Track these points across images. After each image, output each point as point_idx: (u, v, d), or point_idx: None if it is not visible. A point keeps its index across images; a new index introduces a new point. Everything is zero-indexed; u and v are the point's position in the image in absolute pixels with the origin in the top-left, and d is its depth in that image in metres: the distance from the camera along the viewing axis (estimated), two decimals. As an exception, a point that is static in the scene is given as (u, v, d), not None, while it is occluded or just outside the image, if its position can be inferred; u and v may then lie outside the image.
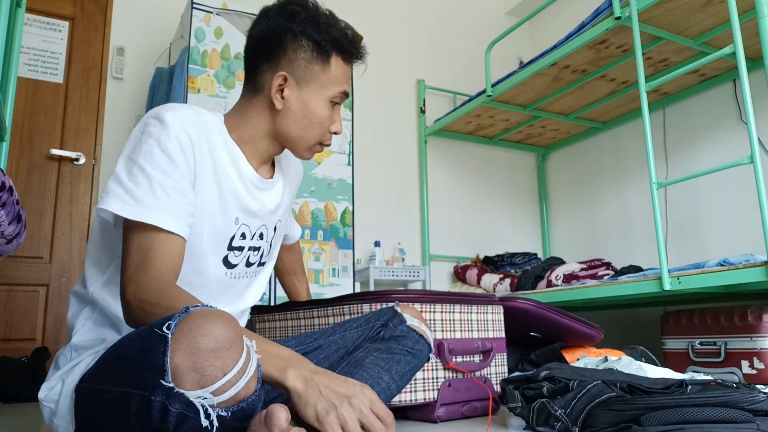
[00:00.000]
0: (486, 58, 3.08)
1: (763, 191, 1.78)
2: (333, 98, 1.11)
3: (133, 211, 0.90)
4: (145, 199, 0.91)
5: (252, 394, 0.79)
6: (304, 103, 1.09)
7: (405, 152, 3.51)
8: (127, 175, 0.92)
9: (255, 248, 1.15)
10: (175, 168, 0.95)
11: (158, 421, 0.75)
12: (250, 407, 0.79)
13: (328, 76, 1.09)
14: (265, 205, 1.13)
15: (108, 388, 0.82)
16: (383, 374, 1.05)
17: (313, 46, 1.08)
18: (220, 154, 1.03)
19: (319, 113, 1.10)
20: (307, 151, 1.13)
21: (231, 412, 0.77)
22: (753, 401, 0.94)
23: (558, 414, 1.04)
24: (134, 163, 0.93)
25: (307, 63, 1.08)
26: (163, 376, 0.73)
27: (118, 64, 2.82)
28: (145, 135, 0.95)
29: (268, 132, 1.11)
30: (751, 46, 2.21)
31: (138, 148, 0.95)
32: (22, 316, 2.51)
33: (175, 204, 0.94)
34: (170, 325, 0.75)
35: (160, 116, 0.96)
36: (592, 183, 3.52)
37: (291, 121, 1.09)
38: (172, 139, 0.95)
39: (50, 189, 2.65)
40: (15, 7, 1.46)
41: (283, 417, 0.79)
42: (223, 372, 0.75)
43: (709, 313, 2.15)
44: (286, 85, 1.07)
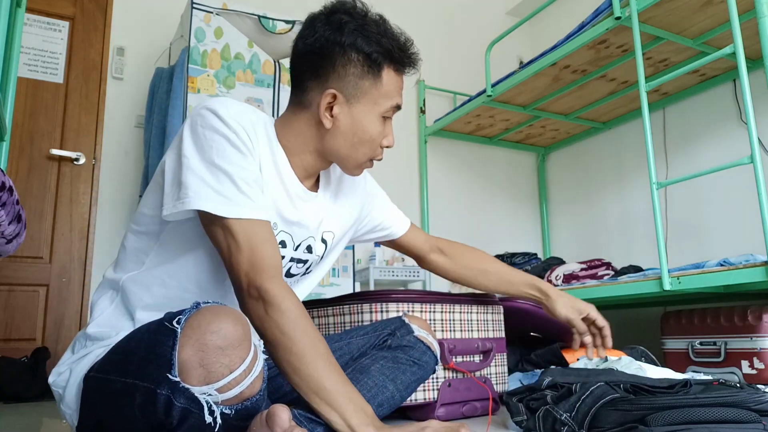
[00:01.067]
0: (486, 58, 3.08)
1: (763, 191, 1.78)
2: (385, 113, 1.05)
3: (228, 210, 0.90)
4: (235, 196, 0.91)
5: (256, 394, 0.80)
6: (354, 120, 1.03)
7: (405, 152, 3.51)
8: (209, 174, 0.92)
9: (300, 261, 1.11)
10: (247, 161, 0.95)
11: (162, 415, 0.75)
12: (254, 406, 0.80)
13: (380, 91, 1.03)
14: (307, 217, 1.09)
15: (115, 379, 0.83)
16: (388, 383, 1.05)
17: (363, 59, 1.02)
18: (265, 154, 1.01)
19: (371, 130, 1.04)
20: (357, 168, 1.09)
21: (235, 410, 0.77)
22: (760, 401, 0.94)
23: (563, 418, 1.04)
24: (211, 162, 0.92)
25: (358, 79, 1.02)
26: (170, 370, 0.73)
27: (118, 64, 2.82)
28: (208, 131, 0.94)
29: (315, 148, 1.06)
30: (751, 46, 2.21)
31: (207, 146, 0.93)
32: (22, 316, 2.51)
33: (257, 194, 0.95)
34: (180, 319, 0.76)
35: (216, 111, 0.95)
36: (592, 183, 3.52)
37: (341, 139, 1.04)
38: (236, 133, 0.94)
39: (50, 189, 2.65)
40: (15, 7, 1.46)
41: (285, 417, 0.79)
42: (229, 369, 0.75)
43: (709, 313, 2.15)
44: (335, 102, 1.02)
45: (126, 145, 2.80)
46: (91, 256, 2.66)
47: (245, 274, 0.89)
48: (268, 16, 2.57)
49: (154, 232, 1.01)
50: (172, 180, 0.95)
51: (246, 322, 0.80)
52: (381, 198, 1.35)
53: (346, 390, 0.87)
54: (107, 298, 1.03)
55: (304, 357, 0.86)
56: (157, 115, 2.48)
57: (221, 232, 0.92)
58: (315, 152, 1.07)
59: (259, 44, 2.57)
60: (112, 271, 1.06)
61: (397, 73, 1.07)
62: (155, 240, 1.01)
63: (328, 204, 1.15)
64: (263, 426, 0.80)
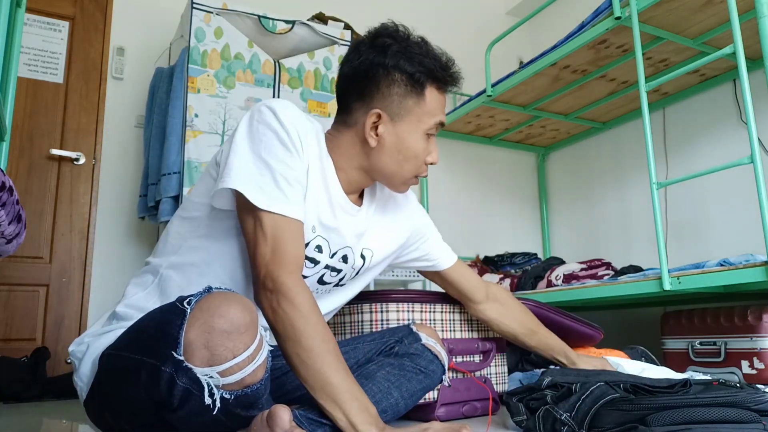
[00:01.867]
0: (486, 58, 3.07)
1: (763, 191, 1.78)
2: (429, 130, 1.08)
3: (260, 201, 0.93)
4: (272, 191, 0.95)
5: (258, 382, 0.81)
6: (399, 138, 1.06)
7: (405, 152, 3.50)
8: (253, 165, 0.95)
9: (335, 269, 1.12)
10: (293, 159, 0.98)
11: (165, 394, 0.77)
12: (255, 394, 0.81)
13: (423, 109, 1.07)
14: (346, 227, 1.10)
15: (126, 355, 0.85)
16: (393, 390, 1.05)
17: (406, 79, 1.05)
18: (314, 161, 1.04)
19: (415, 148, 1.07)
20: (403, 185, 1.12)
21: (235, 396, 0.78)
22: (760, 401, 0.94)
23: (563, 418, 1.04)
24: (257, 155, 0.96)
25: (401, 98, 1.05)
26: (176, 348, 0.75)
27: (118, 64, 2.82)
28: (262, 126, 0.98)
29: (361, 165, 1.09)
30: (751, 46, 2.21)
31: (258, 139, 0.97)
32: (22, 316, 2.51)
33: (296, 193, 0.98)
34: (191, 300, 0.78)
35: (274, 109, 0.98)
36: (592, 183, 3.52)
37: (386, 157, 1.07)
38: (288, 133, 0.98)
39: (50, 189, 2.65)
40: (15, 7, 1.46)
41: (286, 417, 0.79)
42: (233, 354, 0.77)
43: (709, 313, 2.15)
44: (380, 122, 1.05)
45: (126, 145, 2.80)
46: (91, 256, 2.66)
47: (265, 264, 0.92)
48: (268, 16, 2.57)
49: (198, 218, 1.04)
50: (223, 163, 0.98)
51: (254, 311, 0.81)
52: (430, 229, 1.35)
53: (351, 388, 0.88)
54: (143, 281, 1.05)
55: (313, 351, 0.88)
56: (157, 115, 2.48)
57: (252, 220, 0.95)
58: (360, 169, 1.09)
59: (259, 44, 2.57)
60: (152, 257, 1.08)
61: (440, 92, 1.10)
62: (198, 227, 1.04)
63: (372, 221, 1.17)
64: (264, 426, 0.80)
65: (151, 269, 1.06)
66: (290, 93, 2.66)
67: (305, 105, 2.69)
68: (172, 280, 1.01)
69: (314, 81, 2.71)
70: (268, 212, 0.94)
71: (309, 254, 1.06)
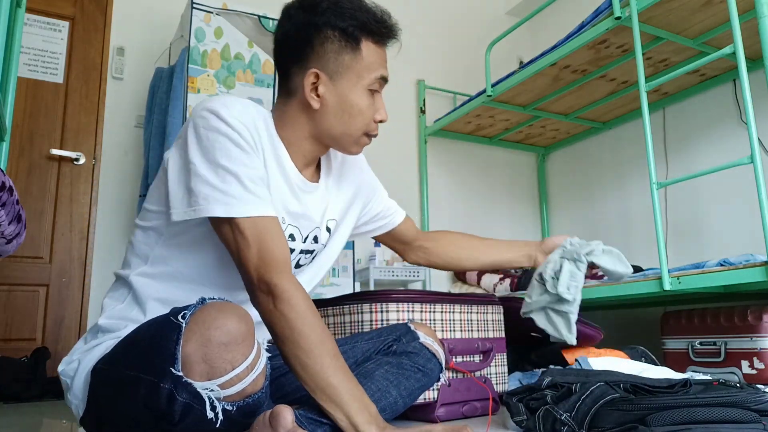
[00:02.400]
0: (486, 58, 3.07)
1: (763, 191, 1.78)
2: (371, 86, 1.05)
3: (236, 210, 0.92)
4: (243, 195, 0.93)
5: (258, 391, 0.80)
6: (341, 97, 1.04)
7: (405, 152, 3.51)
8: (216, 177, 0.93)
9: (308, 251, 1.12)
10: (251, 159, 0.96)
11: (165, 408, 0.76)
12: (256, 403, 0.80)
13: (361, 64, 1.03)
14: (311, 208, 1.09)
15: (120, 371, 0.84)
16: (391, 389, 1.05)
17: (340, 35, 1.02)
18: (267, 149, 1.02)
19: (359, 104, 1.05)
20: (355, 145, 1.09)
21: (236, 406, 0.77)
22: (760, 401, 0.94)
23: (563, 418, 1.04)
24: (216, 164, 0.93)
25: (337, 54, 1.02)
26: (173, 364, 0.74)
27: (118, 64, 2.82)
28: (211, 132, 0.95)
29: (310, 133, 1.07)
30: (751, 46, 2.21)
31: (211, 147, 0.94)
32: (22, 316, 2.51)
33: (264, 190, 0.97)
34: (185, 314, 0.77)
35: (217, 111, 0.95)
36: (592, 183, 3.52)
37: (331, 118, 1.05)
38: (239, 133, 0.95)
39: (50, 189, 2.65)
40: (15, 7, 1.46)
41: (289, 417, 0.79)
42: (232, 366, 0.76)
43: (709, 313, 2.15)
44: (319, 82, 1.03)
45: (126, 145, 2.80)
46: (91, 256, 2.66)
47: (255, 269, 0.90)
48: (268, 16, 2.57)
49: (158, 228, 1.02)
50: (179, 184, 0.96)
51: (250, 320, 0.80)
52: (380, 187, 1.36)
53: (351, 388, 0.88)
54: (119, 294, 1.03)
55: (312, 352, 0.87)
56: (157, 115, 2.48)
57: (230, 231, 0.93)
58: (311, 138, 1.07)
59: (259, 44, 2.57)
60: (121, 269, 1.06)
61: (378, 45, 1.06)
62: (160, 236, 1.02)
63: (331, 192, 1.16)
64: (266, 426, 0.80)
65: (123, 282, 1.04)
66: (290, 93, 2.66)
67: (305, 105, 2.69)
68: (148, 290, 1.00)
69: (314, 81, 2.71)
70: (245, 218, 0.92)
71: None
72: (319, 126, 1.06)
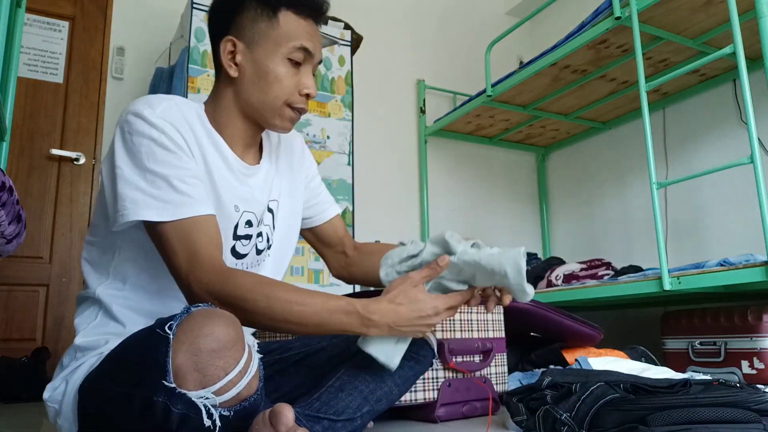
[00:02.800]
0: (486, 58, 3.07)
1: (763, 191, 1.78)
2: (290, 55, 1.01)
3: (168, 213, 0.90)
4: (173, 198, 0.90)
5: (254, 393, 0.79)
6: (257, 64, 1.01)
7: (405, 152, 3.50)
8: (144, 181, 0.91)
9: (260, 234, 1.11)
10: (180, 158, 0.94)
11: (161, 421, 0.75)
12: (252, 406, 0.79)
13: (279, 32, 1.01)
14: (256, 191, 1.08)
15: (110, 389, 0.82)
16: (386, 378, 1.05)
17: (257, 3, 1.02)
18: (204, 142, 1.00)
19: (275, 71, 1.01)
20: (277, 116, 1.05)
21: (233, 411, 0.77)
22: (760, 401, 0.94)
23: (564, 418, 1.04)
24: (144, 168, 0.91)
25: (253, 22, 1.01)
26: (165, 377, 0.73)
27: (118, 64, 2.82)
28: (136, 136, 0.92)
29: (237, 109, 1.05)
30: (751, 46, 2.21)
31: (137, 152, 0.92)
32: (22, 316, 2.51)
33: (197, 189, 0.94)
34: (172, 325, 0.75)
35: (141, 114, 0.93)
36: (592, 183, 3.52)
37: (249, 86, 1.03)
38: (165, 133, 0.93)
39: (50, 189, 2.65)
40: (15, 7, 1.46)
41: (290, 416, 0.79)
42: (224, 372, 0.75)
43: (709, 313, 2.15)
44: (237, 51, 1.02)
45: (126, 145, 2.80)
46: (91, 256, 2.66)
47: (185, 276, 0.89)
48: (268, 16, 2.57)
49: (110, 242, 1.00)
50: (111, 191, 0.94)
51: (238, 323, 0.79)
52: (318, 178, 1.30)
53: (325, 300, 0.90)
54: (89, 312, 1.01)
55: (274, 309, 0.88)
56: (157, 115, 2.48)
57: (159, 237, 0.91)
58: (239, 114, 1.05)
59: (259, 44, 2.57)
60: (83, 290, 1.04)
61: (299, 16, 1.02)
62: (113, 249, 1.00)
63: (274, 174, 1.14)
64: (266, 425, 0.80)
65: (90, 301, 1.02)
66: (290, 93, 2.66)
67: (305, 105, 2.69)
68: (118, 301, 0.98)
69: (314, 81, 2.71)
70: (173, 222, 0.90)
71: (242, 233, 1.04)
72: (240, 96, 1.04)
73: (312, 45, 1.03)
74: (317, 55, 1.05)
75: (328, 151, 2.69)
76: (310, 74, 1.05)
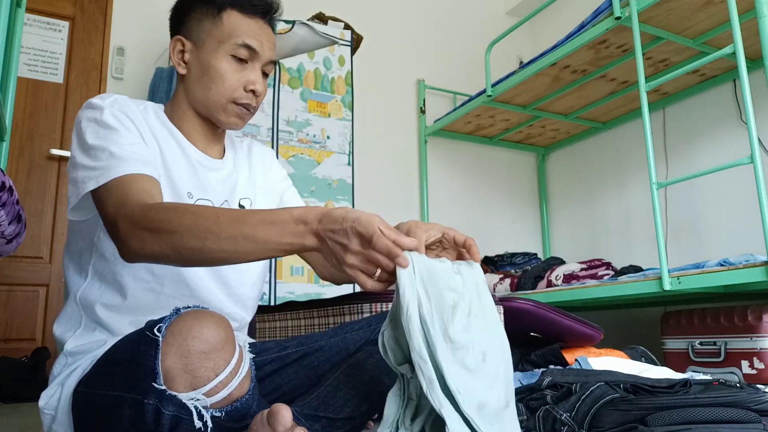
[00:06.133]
0: (486, 58, 3.08)
1: (763, 191, 1.78)
2: (233, 52, 1.03)
3: (103, 177, 0.89)
4: (109, 162, 0.90)
5: (246, 394, 0.79)
6: (202, 61, 1.04)
7: (405, 152, 3.51)
8: (88, 158, 0.92)
9: None
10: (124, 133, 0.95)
11: (152, 425, 0.75)
12: (245, 407, 0.79)
13: (222, 30, 1.04)
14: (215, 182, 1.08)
15: (102, 393, 0.82)
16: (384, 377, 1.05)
17: (202, 4, 1.06)
18: (159, 132, 1.03)
19: (218, 67, 1.03)
20: (222, 112, 1.05)
21: (225, 412, 0.77)
22: (760, 401, 0.94)
23: (563, 418, 1.04)
24: (87, 147, 0.92)
25: (199, 21, 1.05)
26: (155, 379, 0.73)
27: (118, 64, 2.82)
28: (84, 121, 0.96)
29: (188, 105, 1.08)
30: (751, 46, 2.21)
31: (82, 133, 0.94)
32: (22, 316, 2.51)
33: (138, 152, 0.93)
34: (161, 327, 0.75)
35: (91, 103, 0.97)
36: (592, 183, 3.52)
37: (195, 82, 1.06)
38: (112, 116, 0.95)
39: (50, 189, 2.65)
40: (15, 7, 1.46)
41: (288, 416, 0.79)
42: (215, 373, 0.75)
43: (709, 313, 2.15)
44: (185, 49, 1.06)
45: (126, 145, 2.80)
46: (91, 256, 2.66)
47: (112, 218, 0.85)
48: (268, 16, 2.57)
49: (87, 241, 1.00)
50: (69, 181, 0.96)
51: (228, 324, 0.78)
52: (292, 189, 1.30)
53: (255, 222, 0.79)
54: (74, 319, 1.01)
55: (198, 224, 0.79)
56: (157, 115, 2.48)
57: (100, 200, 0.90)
58: (191, 109, 1.08)
59: (259, 44, 2.57)
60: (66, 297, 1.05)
61: (244, 14, 1.05)
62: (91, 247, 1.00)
63: (240, 171, 1.14)
64: (264, 425, 0.80)
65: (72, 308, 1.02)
66: (290, 93, 2.66)
67: (305, 105, 2.69)
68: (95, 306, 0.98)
69: (314, 81, 2.71)
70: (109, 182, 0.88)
71: None
72: (189, 93, 1.07)
73: (257, 43, 1.04)
74: (265, 53, 1.06)
75: (328, 151, 2.69)
76: (258, 71, 1.06)
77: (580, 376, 1.14)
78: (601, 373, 1.18)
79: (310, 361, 1.14)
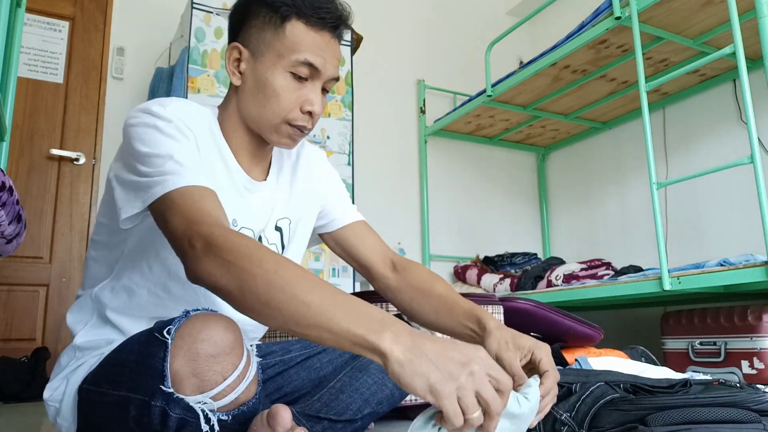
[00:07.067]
0: (486, 58, 3.08)
1: (763, 191, 1.78)
2: (293, 69, 0.93)
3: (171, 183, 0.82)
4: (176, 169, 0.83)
5: (252, 398, 0.79)
6: (258, 75, 0.95)
7: (405, 152, 3.51)
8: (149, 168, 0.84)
9: None
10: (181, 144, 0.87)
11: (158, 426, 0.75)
12: (251, 410, 0.79)
13: (284, 43, 0.93)
14: (255, 208, 1.02)
15: (108, 392, 0.82)
16: (387, 381, 1.05)
17: (266, 11, 0.94)
18: (211, 149, 0.96)
19: (274, 85, 0.94)
20: (275, 132, 0.97)
21: (232, 416, 0.76)
22: (759, 401, 0.94)
23: (563, 418, 1.04)
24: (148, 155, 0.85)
25: (259, 30, 0.95)
26: (163, 382, 0.73)
27: (118, 64, 2.82)
28: (141, 127, 0.87)
29: (239, 118, 1.00)
30: (751, 46, 2.21)
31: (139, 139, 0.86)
32: (22, 316, 2.51)
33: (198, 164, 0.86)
34: (170, 330, 0.75)
35: (149, 109, 0.89)
36: (592, 183, 3.52)
37: (249, 96, 0.96)
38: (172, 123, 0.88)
39: (50, 189, 2.65)
40: (15, 7, 1.46)
41: (287, 416, 0.78)
42: (222, 377, 0.74)
43: (709, 313, 2.15)
44: (242, 58, 0.97)
45: (126, 145, 2.80)
46: (91, 256, 2.66)
47: (183, 233, 0.77)
48: (268, 16, 2.57)
49: (115, 241, 0.98)
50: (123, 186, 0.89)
51: (236, 328, 0.78)
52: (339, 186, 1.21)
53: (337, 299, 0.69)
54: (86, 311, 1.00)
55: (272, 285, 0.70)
56: (157, 115, 2.48)
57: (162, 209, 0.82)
58: (241, 124, 1.00)
59: (259, 44, 2.57)
60: (82, 288, 1.03)
61: (310, 28, 0.94)
62: (118, 248, 0.98)
63: (283, 191, 1.08)
64: (264, 426, 0.80)
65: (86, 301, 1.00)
66: (290, 93, 2.65)
67: (305, 105, 2.69)
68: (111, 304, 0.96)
69: (314, 81, 2.71)
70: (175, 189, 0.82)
71: None
72: (240, 106, 0.98)
73: (320, 60, 0.94)
74: (328, 72, 0.96)
75: (328, 151, 2.69)
76: (318, 91, 0.97)
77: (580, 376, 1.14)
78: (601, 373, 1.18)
79: (313, 363, 1.14)
